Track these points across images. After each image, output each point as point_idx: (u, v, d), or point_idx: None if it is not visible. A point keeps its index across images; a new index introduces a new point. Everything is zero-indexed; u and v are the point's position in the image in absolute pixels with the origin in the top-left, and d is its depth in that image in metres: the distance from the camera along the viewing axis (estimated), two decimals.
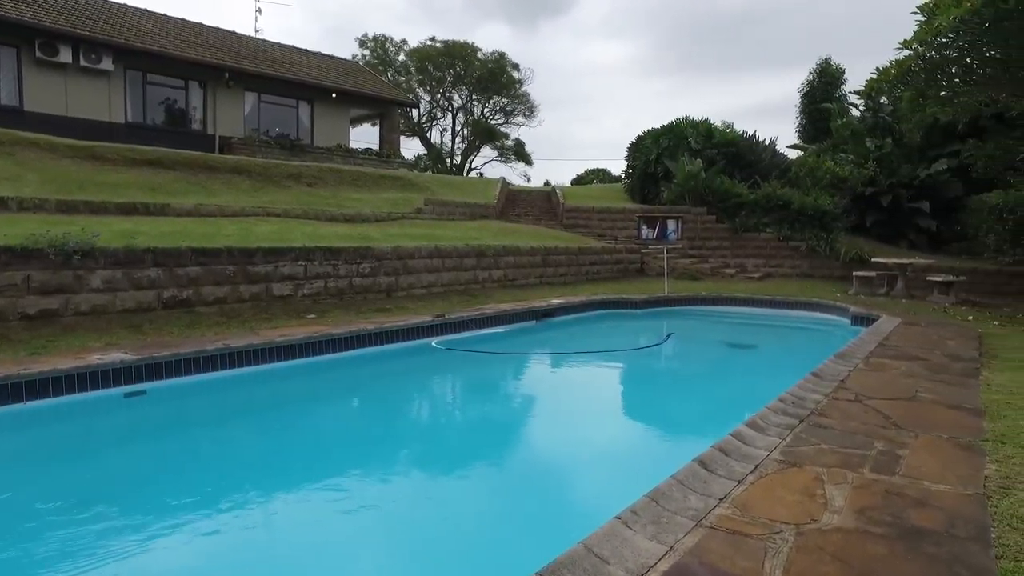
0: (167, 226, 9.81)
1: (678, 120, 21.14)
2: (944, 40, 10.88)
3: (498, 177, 28.00)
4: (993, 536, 2.55)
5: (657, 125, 21.82)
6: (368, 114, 29.35)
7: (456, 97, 48.33)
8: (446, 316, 8.73)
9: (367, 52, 45.51)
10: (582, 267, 15.37)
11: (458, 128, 49.49)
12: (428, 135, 48.63)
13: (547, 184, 48.95)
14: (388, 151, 26.71)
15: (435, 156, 46.75)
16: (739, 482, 2.91)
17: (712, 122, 20.82)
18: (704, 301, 12.53)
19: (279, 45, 26.09)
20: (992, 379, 5.53)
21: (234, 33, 24.56)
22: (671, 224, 15.66)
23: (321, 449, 4.86)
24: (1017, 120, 14.29)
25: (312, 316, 8.74)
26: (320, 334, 7.08)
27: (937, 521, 2.64)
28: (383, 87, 28.63)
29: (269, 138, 21.56)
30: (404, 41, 46.64)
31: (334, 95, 24.52)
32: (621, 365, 8.21)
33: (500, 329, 9.31)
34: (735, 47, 78.45)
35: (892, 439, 3.66)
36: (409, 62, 46.12)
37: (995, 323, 9.70)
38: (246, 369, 6.32)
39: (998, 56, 11.02)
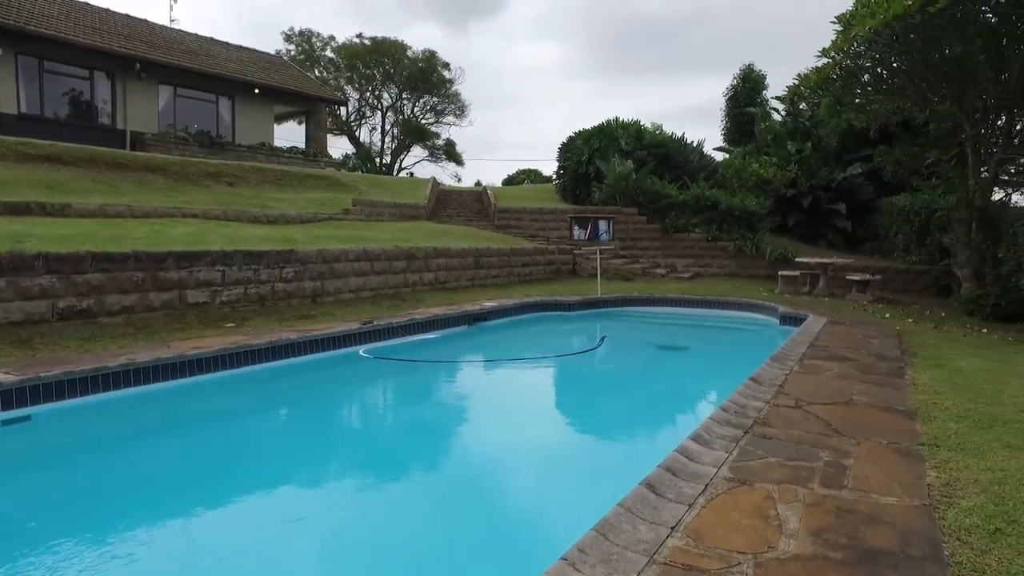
0: (67, 228, 8.98)
1: (609, 121, 21.30)
2: (859, 50, 11.30)
3: (429, 177, 27.56)
4: (947, 553, 2.47)
5: (588, 126, 21.92)
6: (294, 111, 28.30)
7: (386, 95, 47.41)
8: (374, 322, 8.34)
9: (292, 47, 44.00)
10: (515, 268, 15.20)
11: (388, 127, 48.56)
12: (357, 134, 47.51)
13: (478, 184, 48.73)
14: (315, 150, 25.82)
15: (364, 155, 45.67)
16: (690, 506, 2.74)
17: (642, 123, 21.08)
18: (637, 302, 12.57)
19: (196, 36, 24.75)
20: (917, 378, 5.65)
21: (146, 21, 23.09)
22: (603, 224, 15.71)
23: (232, 474, 4.43)
24: (921, 128, 15.04)
25: (231, 325, 8.18)
26: (237, 345, 6.58)
27: (892, 539, 2.54)
28: (309, 84, 27.66)
29: (187, 135, 20.38)
30: (332, 37, 45.34)
31: (257, 91, 23.46)
32: (556, 372, 8.03)
33: (431, 335, 8.98)
34: (663, 50, 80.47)
35: (836, 448, 3.60)
36: (337, 59, 44.89)
37: (910, 320, 10.10)
38: (154, 386, 5.76)
39: (904, 68, 11.53)
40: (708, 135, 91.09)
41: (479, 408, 6.60)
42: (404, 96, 48.03)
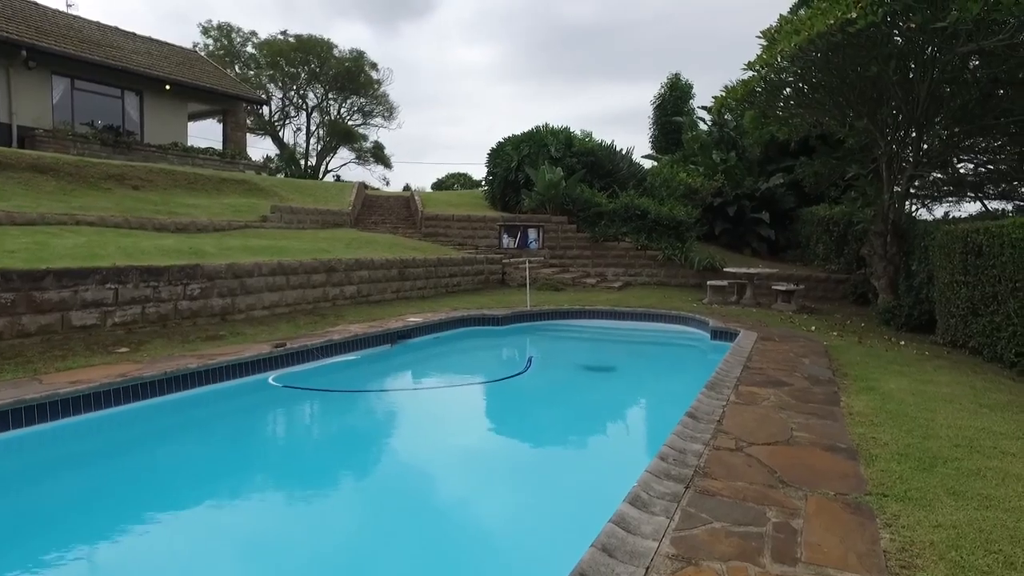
0: None
1: (538, 127, 21.10)
2: (783, 65, 11.43)
3: (355, 181, 26.66)
4: None
5: (519, 130, 21.71)
6: (210, 110, 26.78)
7: (311, 95, 45.89)
8: (287, 345, 7.68)
9: (210, 41, 41.93)
10: (442, 279, 14.70)
11: (313, 128, 47.01)
12: (281, 134, 45.75)
13: (407, 189, 47.82)
14: (233, 151, 24.49)
15: (288, 157, 44.01)
16: None
17: (572, 130, 20.98)
18: (567, 315, 12.30)
19: (98, 25, 22.99)
20: (852, 405, 5.54)
21: (35, 4, 21.20)
22: (532, 233, 15.42)
23: (102, 536, 3.78)
24: (839, 142, 15.50)
25: (124, 350, 7.33)
26: (124, 378, 5.81)
27: None
28: (227, 81, 26.23)
29: (87, 132, 18.81)
30: (253, 33, 43.49)
31: (168, 87, 21.99)
32: (479, 403, 7.54)
33: (351, 356, 8.38)
34: (593, 56, 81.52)
35: (784, 504, 3.32)
36: (259, 55, 43.05)
37: (834, 334, 10.23)
38: (13, 433, 4.96)
39: (824, 84, 11.76)
40: (637, 142, 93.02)
41: (396, 450, 5.99)
42: (331, 96, 46.64)
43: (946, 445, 4.44)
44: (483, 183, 24.39)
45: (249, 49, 43.04)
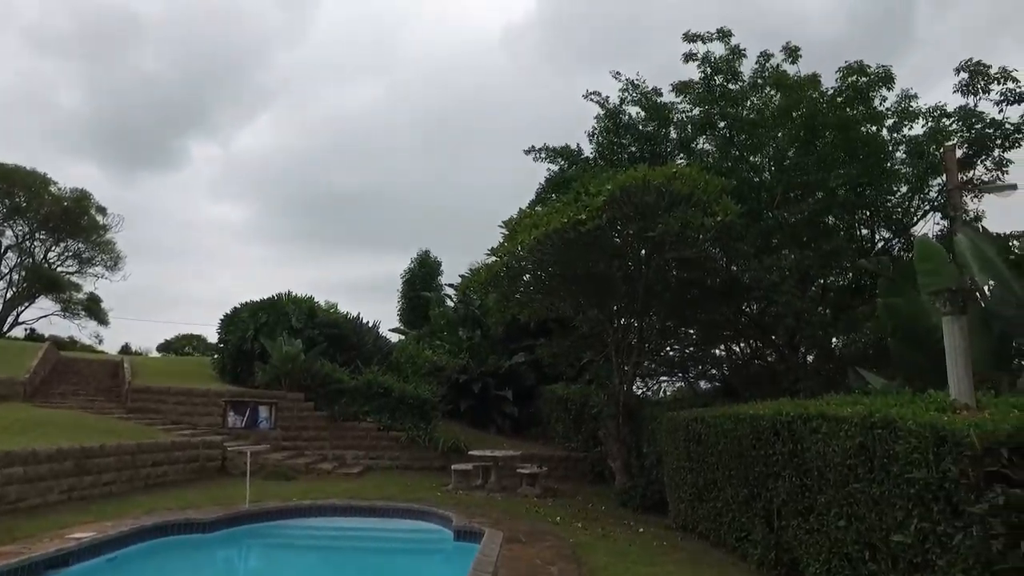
0: None
1: (280, 295, 19.75)
2: (523, 254, 12.09)
3: (46, 340, 22.10)
4: None
5: (269, 292, 20.07)
6: None
7: (9, 232, 39.08)
8: None
9: None
10: (141, 470, 11.91)
11: (6, 270, 39.55)
12: None
13: (124, 350, 41.43)
14: None
15: None
16: None
17: (317, 300, 19.99)
18: (296, 512, 10.46)
19: None
20: None
21: None
22: (264, 411, 13.47)
23: None
24: (573, 326, 16.69)
25: None
26: None
27: None
28: None
29: None
30: None
31: None
32: None
33: None
34: (350, 225, 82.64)
35: None
36: None
37: (579, 524, 9.99)
38: None
39: (559, 274, 12.65)
40: (387, 313, 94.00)
41: None
42: (39, 236, 40.20)
43: None
44: (214, 353, 21.77)
45: None
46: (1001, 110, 12.18)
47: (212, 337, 39.21)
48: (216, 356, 20.53)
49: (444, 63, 75.60)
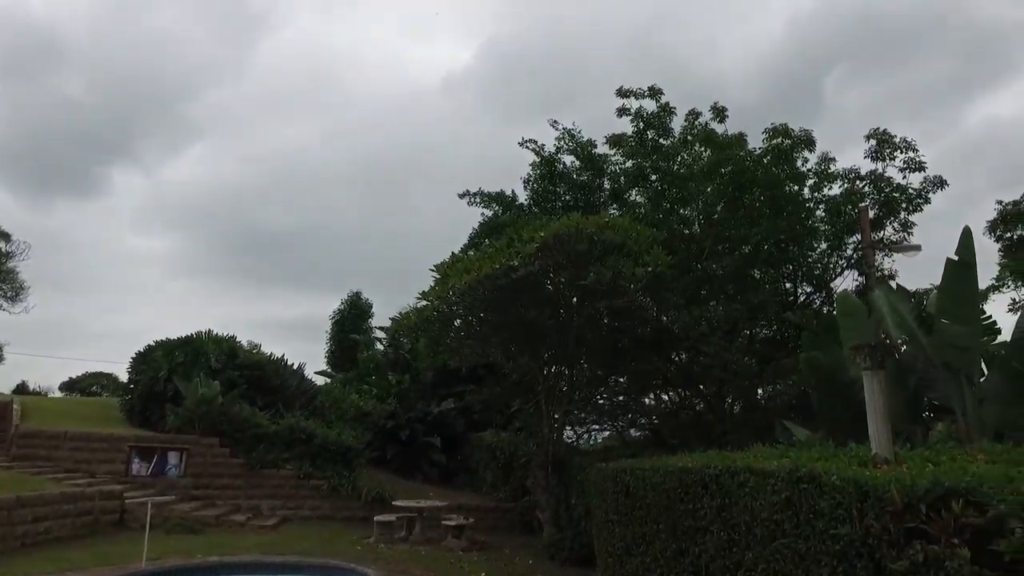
0: None
1: (199, 333, 18.74)
2: (454, 299, 11.88)
3: None
4: None
5: (190, 329, 19.01)
6: None
7: None
8: None
9: None
10: (19, 527, 10.70)
11: None
12: None
13: (19, 389, 38.28)
14: None
15: None
16: None
17: (239, 339, 19.07)
18: (199, 571, 9.66)
19: None
20: None
21: None
22: (173, 457, 12.50)
23: None
24: (504, 373, 16.47)
25: None
26: None
27: None
28: None
29: None
30: None
31: None
32: None
33: None
34: (276, 264, 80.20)
35: None
36: None
37: None
38: None
39: (490, 320, 12.49)
40: (314, 354, 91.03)
41: None
42: None
43: None
44: (123, 393, 20.31)
45: None
46: (904, 176, 13.12)
47: (124, 376, 36.84)
48: (125, 397, 19.16)
49: (383, 106, 75.96)
